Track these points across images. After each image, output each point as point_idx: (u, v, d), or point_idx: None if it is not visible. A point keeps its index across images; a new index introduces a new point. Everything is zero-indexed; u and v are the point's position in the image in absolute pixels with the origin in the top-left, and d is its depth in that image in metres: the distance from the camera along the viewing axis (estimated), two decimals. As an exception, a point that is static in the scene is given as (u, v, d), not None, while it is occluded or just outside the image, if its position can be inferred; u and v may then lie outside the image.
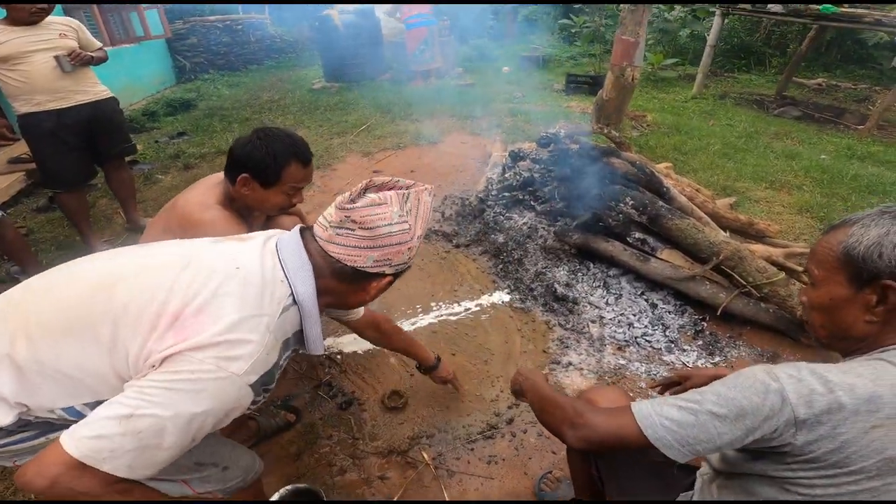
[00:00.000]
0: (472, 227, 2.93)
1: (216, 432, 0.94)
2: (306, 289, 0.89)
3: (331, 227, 0.90)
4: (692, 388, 0.99)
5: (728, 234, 2.73)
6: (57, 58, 2.50)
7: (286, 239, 0.94)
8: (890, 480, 0.70)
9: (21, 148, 3.68)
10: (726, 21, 6.35)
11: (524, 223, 2.83)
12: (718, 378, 0.83)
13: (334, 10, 6.65)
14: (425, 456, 1.65)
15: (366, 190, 0.90)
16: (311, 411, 1.82)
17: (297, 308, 0.90)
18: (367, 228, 0.87)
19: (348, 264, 0.90)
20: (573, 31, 7.78)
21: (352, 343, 2.11)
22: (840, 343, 0.84)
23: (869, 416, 0.69)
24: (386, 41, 7.45)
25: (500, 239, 2.74)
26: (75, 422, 0.76)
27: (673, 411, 0.79)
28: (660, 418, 0.79)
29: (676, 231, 2.37)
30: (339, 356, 2.06)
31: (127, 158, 3.16)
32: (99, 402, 0.78)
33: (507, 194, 3.02)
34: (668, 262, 2.37)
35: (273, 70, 8.85)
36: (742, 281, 2.15)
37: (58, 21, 2.58)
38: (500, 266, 2.59)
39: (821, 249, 0.82)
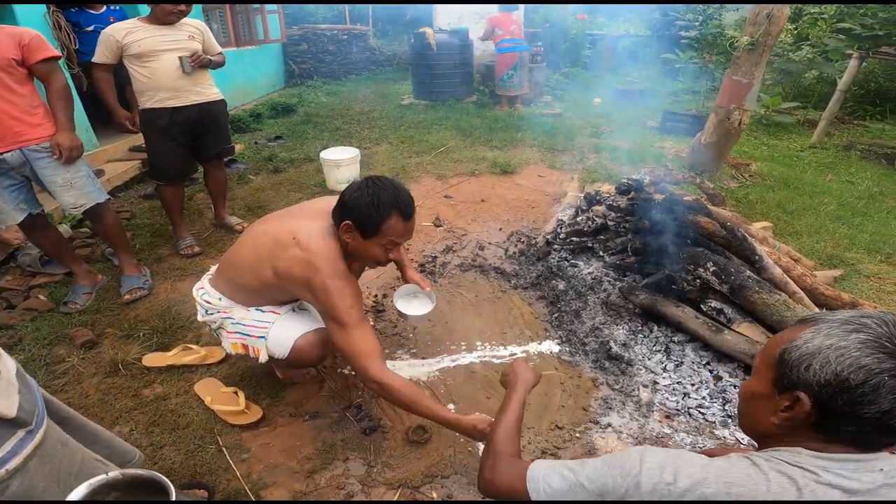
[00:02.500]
0: (534, 269, 2.81)
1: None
2: None
3: None
4: None
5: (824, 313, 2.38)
6: (181, 58, 2.67)
7: None
8: None
9: (142, 138, 4.17)
10: (864, 64, 5.62)
11: (589, 273, 2.66)
12: None
13: (429, 29, 6.84)
14: (434, 495, 1.59)
15: None
16: (335, 432, 1.82)
17: None
18: None
19: None
20: (677, 66, 7.31)
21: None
22: (751, 434, 0.87)
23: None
24: (476, 63, 7.52)
25: (561, 286, 2.60)
26: None
27: (556, 478, 0.88)
28: (544, 483, 0.89)
29: (762, 305, 2.13)
30: (376, 382, 2.05)
31: (225, 158, 3.36)
32: None
33: (575, 239, 2.86)
34: (744, 336, 2.12)
35: (369, 82, 9.32)
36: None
37: (188, 23, 2.75)
38: (556, 315, 2.45)
39: (770, 342, 0.83)
